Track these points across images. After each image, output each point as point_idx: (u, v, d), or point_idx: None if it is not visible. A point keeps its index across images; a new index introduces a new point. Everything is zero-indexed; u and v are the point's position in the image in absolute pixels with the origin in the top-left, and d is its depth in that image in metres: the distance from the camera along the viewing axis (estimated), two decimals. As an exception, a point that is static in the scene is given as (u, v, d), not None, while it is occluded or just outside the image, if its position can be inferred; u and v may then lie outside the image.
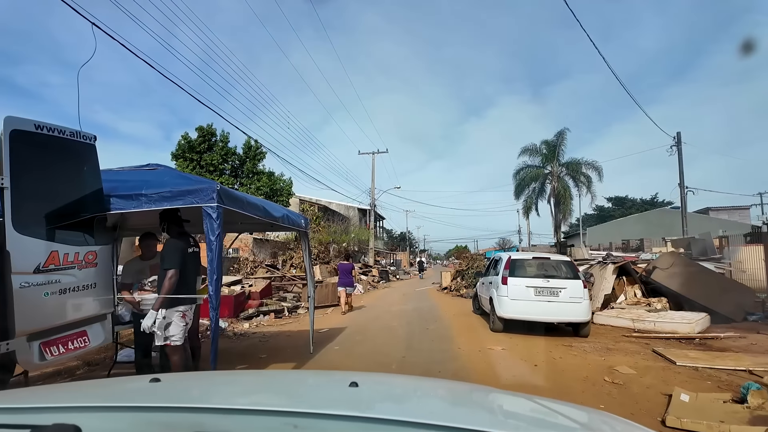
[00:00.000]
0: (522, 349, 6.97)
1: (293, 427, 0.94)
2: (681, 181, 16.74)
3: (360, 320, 10.50)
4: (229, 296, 11.20)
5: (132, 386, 1.64)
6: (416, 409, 1.35)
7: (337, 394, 1.36)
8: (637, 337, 8.14)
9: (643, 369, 5.77)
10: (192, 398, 1.35)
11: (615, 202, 51.06)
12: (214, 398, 1.37)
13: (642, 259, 11.59)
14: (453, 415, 1.32)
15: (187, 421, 1.02)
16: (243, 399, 1.38)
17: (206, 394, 1.45)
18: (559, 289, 7.80)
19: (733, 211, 38.46)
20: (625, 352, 6.78)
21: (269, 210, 4.87)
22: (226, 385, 1.61)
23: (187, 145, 17.95)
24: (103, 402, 1.22)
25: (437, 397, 1.58)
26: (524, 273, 8.08)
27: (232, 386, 1.58)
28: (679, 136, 16.80)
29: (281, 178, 19.53)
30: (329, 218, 33.86)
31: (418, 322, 9.97)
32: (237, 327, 9.67)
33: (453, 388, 1.95)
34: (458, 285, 17.87)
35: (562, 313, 7.75)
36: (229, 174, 18.22)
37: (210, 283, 3.76)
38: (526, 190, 33.04)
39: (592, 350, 6.92)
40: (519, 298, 7.82)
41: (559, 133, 32.13)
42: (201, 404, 1.21)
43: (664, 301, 10.70)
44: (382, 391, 1.55)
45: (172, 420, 1.05)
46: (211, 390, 1.52)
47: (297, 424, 0.95)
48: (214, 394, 1.43)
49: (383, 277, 29.17)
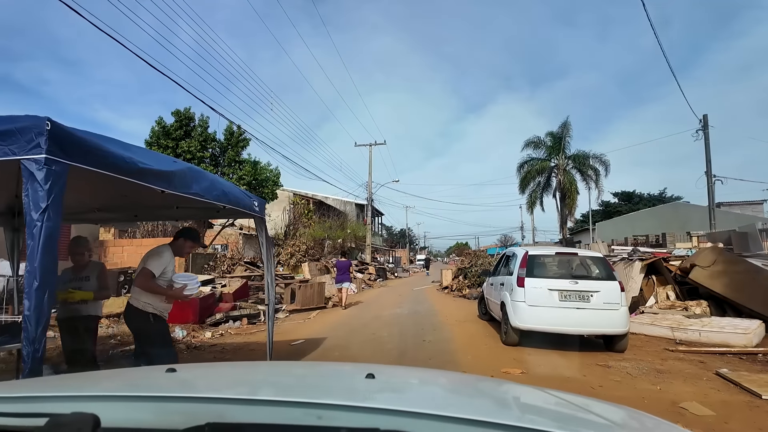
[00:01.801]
0: (546, 371, 5.37)
1: (317, 417, 0.94)
2: (708, 168, 15.02)
3: (345, 328, 8.88)
4: (193, 299, 9.59)
5: (149, 376, 1.60)
6: (432, 401, 1.35)
7: (354, 385, 1.37)
8: (684, 352, 6.54)
9: (720, 406, 4.16)
10: (210, 388, 1.35)
11: (622, 198, 49.33)
12: (232, 388, 1.37)
13: (676, 255, 9.93)
14: (472, 407, 1.27)
15: (205, 410, 0.98)
16: (261, 389, 1.39)
17: (223, 384, 1.44)
18: (591, 292, 6.17)
19: (745, 206, 36.93)
20: (681, 376, 5.18)
21: (178, 178, 3.15)
22: (242, 375, 1.61)
23: (162, 131, 16.32)
24: (121, 391, 1.22)
25: (454, 390, 1.54)
26: (545, 272, 6.46)
27: (249, 377, 1.58)
28: (705, 119, 15.05)
29: (267, 168, 17.88)
30: (324, 213, 32.28)
31: (413, 331, 8.34)
32: (197, 337, 8.06)
33: (472, 381, 1.86)
34: (460, 284, 16.23)
35: (594, 324, 6.12)
36: (209, 162, 16.58)
37: (27, 294, 2.13)
38: (531, 184, 31.57)
39: (638, 373, 5.31)
40: (539, 304, 6.20)
41: (563, 124, 30.66)
42: (218, 394, 1.17)
43: (704, 304, 9.07)
44: (398, 383, 1.55)
45: (190, 410, 1.01)
46: (229, 380, 1.51)
47: (320, 415, 0.94)
48: (232, 385, 1.44)
49: (380, 275, 27.59)
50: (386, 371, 1.74)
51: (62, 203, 2.25)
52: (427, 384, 1.64)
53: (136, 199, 4.62)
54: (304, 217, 25.49)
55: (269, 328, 5.12)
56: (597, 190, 29.65)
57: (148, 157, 2.91)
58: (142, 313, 3.61)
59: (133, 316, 3.67)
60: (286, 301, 12.36)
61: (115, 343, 6.98)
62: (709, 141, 14.81)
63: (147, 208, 5.10)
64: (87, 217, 5.44)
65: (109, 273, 4.96)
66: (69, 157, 2.27)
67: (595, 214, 41.98)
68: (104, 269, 4.32)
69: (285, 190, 27.57)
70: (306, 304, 11.89)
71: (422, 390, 1.53)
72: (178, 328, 8.25)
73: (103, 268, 4.30)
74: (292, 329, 8.89)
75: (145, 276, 3.63)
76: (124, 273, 10.87)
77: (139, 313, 3.62)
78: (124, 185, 2.76)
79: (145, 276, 3.62)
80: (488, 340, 7.25)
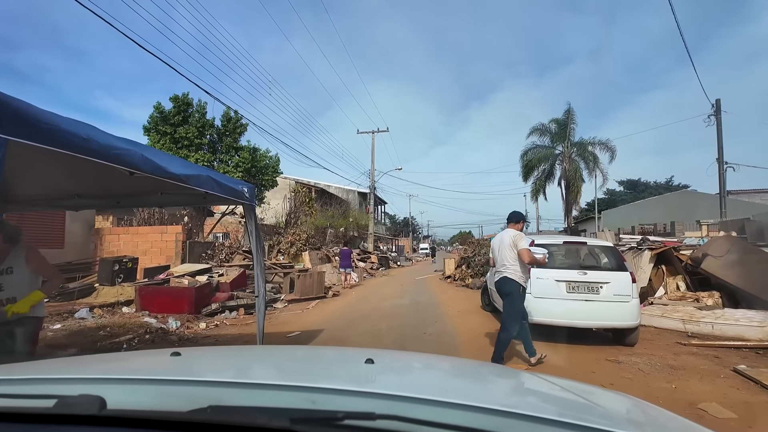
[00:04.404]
0: (553, 366, 5.07)
1: (311, 402, 0.96)
2: (719, 155, 14.51)
3: (343, 319, 8.62)
4: (188, 288, 9.35)
5: (154, 359, 1.63)
6: (432, 386, 1.34)
7: (353, 370, 1.38)
8: (697, 346, 6.24)
9: (742, 408, 3.87)
10: (212, 372, 1.36)
11: (627, 186, 48.71)
12: (233, 372, 1.40)
13: (687, 244, 9.57)
14: (472, 393, 1.27)
15: (206, 394, 1.03)
16: (261, 373, 1.41)
17: (226, 368, 1.46)
18: (600, 284, 5.85)
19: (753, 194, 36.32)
20: (697, 373, 4.88)
21: (146, 160, 2.81)
22: (245, 359, 1.62)
23: (160, 116, 15.97)
24: (126, 374, 1.23)
25: (455, 376, 1.54)
26: (552, 263, 6.13)
27: (251, 361, 1.60)
28: (718, 103, 14.50)
29: (266, 155, 17.52)
30: (327, 202, 31.98)
31: (414, 323, 8.07)
32: (191, 328, 7.82)
33: (475, 367, 1.83)
34: (463, 274, 15.94)
35: (604, 316, 5.81)
36: (207, 149, 16.25)
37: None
38: (535, 171, 31.04)
39: (651, 369, 5.02)
40: (546, 296, 5.89)
41: (568, 110, 30.03)
42: (220, 378, 1.21)
43: (716, 295, 8.75)
44: (398, 368, 1.55)
45: (192, 393, 1.05)
46: (231, 364, 1.52)
47: (315, 399, 0.97)
48: (234, 369, 1.46)
49: (383, 263, 27.32)
50: (386, 356, 1.74)
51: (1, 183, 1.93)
52: (427, 369, 1.62)
53: (113, 184, 4.33)
54: (305, 205, 25.19)
55: (259, 321, 4.84)
56: (602, 177, 29.24)
57: (107, 137, 2.59)
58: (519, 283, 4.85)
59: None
60: (285, 290, 12.12)
61: (104, 335, 6.74)
62: (722, 126, 14.32)
63: (128, 194, 4.81)
64: (67, 203, 5.16)
65: (102, 262, 4.60)
66: (7, 131, 1.95)
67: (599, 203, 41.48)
68: (34, 253, 3.16)
69: (286, 178, 27.25)
70: (305, 294, 11.65)
71: (422, 375, 1.53)
72: (171, 318, 8.01)
73: (31, 252, 3.14)
74: (289, 320, 8.65)
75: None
76: (119, 261, 10.64)
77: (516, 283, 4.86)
78: (94, 168, 2.46)
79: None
80: (491, 333, 6.95)
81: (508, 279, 4.87)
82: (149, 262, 12.11)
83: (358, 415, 0.79)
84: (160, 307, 9.02)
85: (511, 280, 4.85)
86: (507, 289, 4.88)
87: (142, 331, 7.08)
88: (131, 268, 10.87)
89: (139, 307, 9.06)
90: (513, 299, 4.86)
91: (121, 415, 0.82)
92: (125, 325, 7.32)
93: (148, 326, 7.38)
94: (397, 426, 0.78)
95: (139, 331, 7.08)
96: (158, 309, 8.94)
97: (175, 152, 15.36)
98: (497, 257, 5.06)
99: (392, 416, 0.79)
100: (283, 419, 0.75)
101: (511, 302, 4.88)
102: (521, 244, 4.84)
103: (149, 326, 7.39)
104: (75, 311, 8.44)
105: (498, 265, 5.04)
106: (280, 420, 0.75)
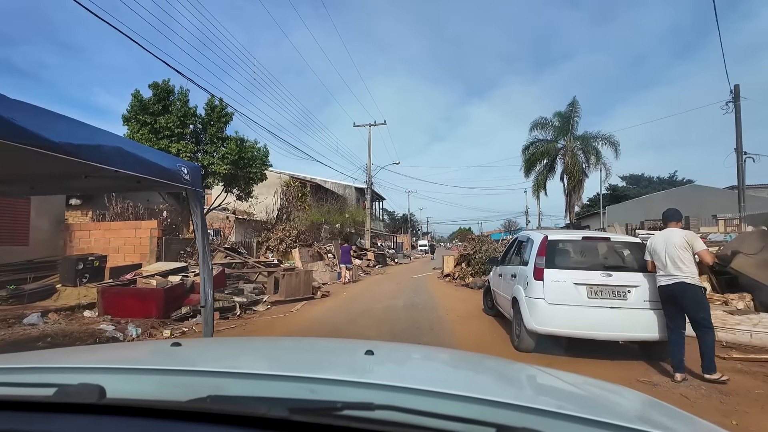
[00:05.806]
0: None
1: (310, 392, 0.95)
2: (738, 145, 13.50)
3: (328, 325, 7.67)
4: (156, 290, 8.36)
5: (154, 350, 1.66)
6: (431, 378, 1.33)
7: (352, 361, 1.38)
8: (740, 360, 5.31)
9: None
10: (211, 362, 1.36)
11: (630, 181, 47.79)
12: (233, 363, 1.39)
13: (711, 240, 8.61)
14: (472, 385, 1.27)
15: (206, 384, 1.03)
16: (260, 364, 1.42)
17: (225, 358, 1.46)
18: (628, 287, 4.88)
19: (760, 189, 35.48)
20: (755, 401, 3.94)
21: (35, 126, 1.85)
22: (244, 350, 1.65)
23: (139, 105, 14.94)
24: (126, 364, 1.22)
25: (454, 367, 1.55)
26: (570, 262, 5.17)
27: (250, 351, 1.62)
28: (737, 89, 13.48)
29: (254, 146, 16.51)
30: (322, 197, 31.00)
31: (407, 329, 7.10)
32: (154, 335, 6.86)
33: (476, 359, 1.83)
34: (463, 272, 14.98)
35: (632, 327, 4.84)
36: (189, 139, 15.23)
37: None
38: (537, 166, 30.18)
39: (696, 394, 4.06)
40: (562, 302, 4.91)
41: (571, 103, 29.15)
42: (220, 368, 1.20)
43: (747, 298, 7.78)
44: (397, 359, 1.55)
45: (191, 383, 1.05)
46: (230, 355, 1.53)
47: (314, 389, 0.97)
48: (233, 359, 1.46)
49: (379, 261, 26.37)
50: (386, 348, 1.82)
51: None
52: (427, 360, 1.66)
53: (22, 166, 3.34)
54: (297, 200, 24.18)
55: (205, 335, 3.87)
56: (605, 171, 28.40)
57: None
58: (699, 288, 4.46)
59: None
60: (269, 291, 11.16)
61: (42, 346, 5.76)
62: (741, 114, 13.32)
63: (44, 178, 3.82)
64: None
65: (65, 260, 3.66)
66: None
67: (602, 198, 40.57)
68: None
69: (280, 172, 26.25)
70: (291, 295, 10.67)
71: (422, 366, 1.55)
72: (132, 325, 7.04)
73: None
74: (266, 326, 7.68)
75: None
76: (84, 260, 9.65)
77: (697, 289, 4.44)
78: None
79: None
80: (497, 344, 5.99)
81: (688, 285, 4.36)
82: (122, 260, 11.13)
83: (357, 405, 0.79)
84: (124, 311, 8.06)
85: (692, 286, 4.38)
86: (692, 295, 4.38)
87: (91, 341, 6.11)
88: (98, 267, 9.89)
89: (102, 311, 8.09)
90: (701, 300, 4.45)
91: (121, 404, 0.81)
92: (73, 334, 6.35)
93: (100, 334, 6.41)
94: (395, 416, 0.77)
95: (87, 340, 6.12)
96: (123, 313, 7.98)
97: (155, 143, 14.36)
98: (663, 260, 4.48)
99: (391, 406, 0.78)
100: (281, 409, 0.74)
101: (701, 301, 4.46)
102: (699, 245, 4.49)
103: (101, 334, 6.42)
104: (25, 316, 7.46)
105: (667, 268, 4.46)
106: (278, 410, 0.74)
